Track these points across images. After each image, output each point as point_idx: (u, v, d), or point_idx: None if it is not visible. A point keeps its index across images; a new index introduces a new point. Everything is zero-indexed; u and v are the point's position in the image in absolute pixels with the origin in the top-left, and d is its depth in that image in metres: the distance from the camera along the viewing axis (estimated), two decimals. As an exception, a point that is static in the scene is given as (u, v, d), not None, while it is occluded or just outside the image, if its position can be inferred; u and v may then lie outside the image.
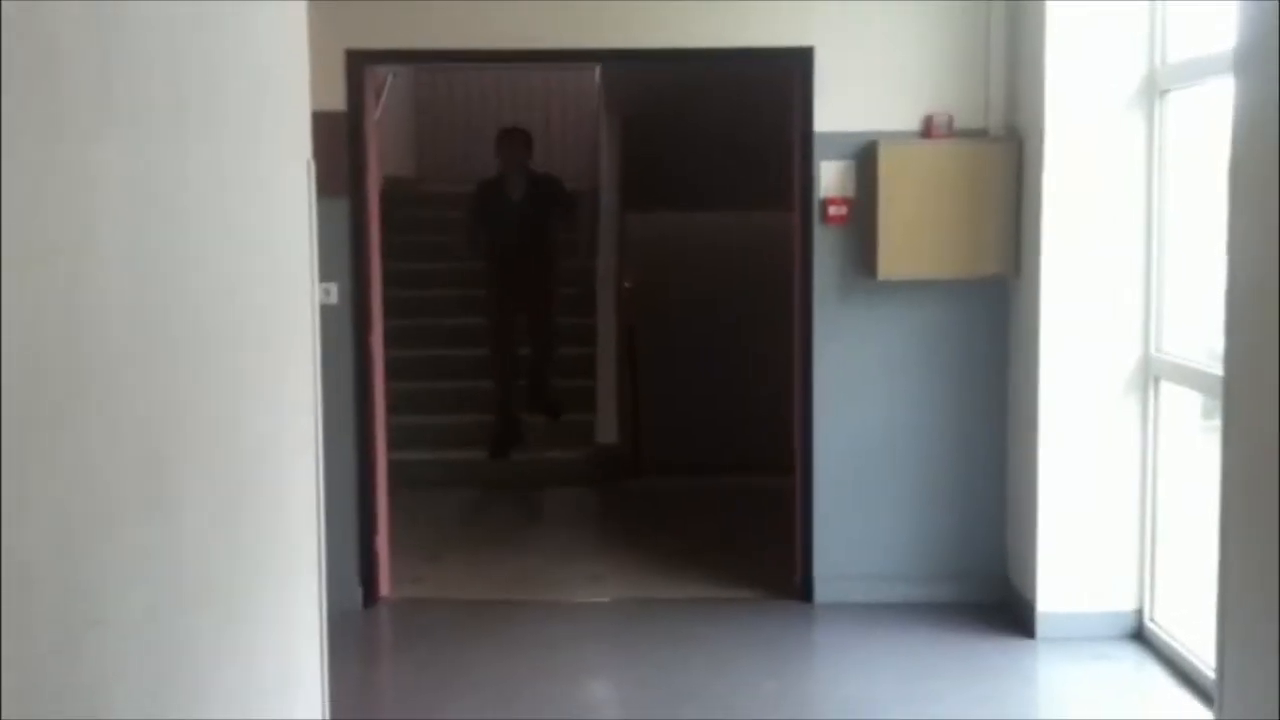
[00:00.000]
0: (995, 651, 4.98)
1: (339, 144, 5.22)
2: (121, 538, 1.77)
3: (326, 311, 3.74)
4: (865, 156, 5.27)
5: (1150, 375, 4.95)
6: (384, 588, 5.67)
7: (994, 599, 5.38)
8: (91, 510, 1.67)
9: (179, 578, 1.98)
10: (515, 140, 7.27)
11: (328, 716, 2.80)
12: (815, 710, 4.57)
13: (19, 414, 1.48)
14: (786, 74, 5.54)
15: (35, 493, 1.52)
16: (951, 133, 5.25)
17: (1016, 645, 5.03)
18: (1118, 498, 5.02)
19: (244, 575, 2.32)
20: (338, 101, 5.28)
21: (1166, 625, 4.92)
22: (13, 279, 1.47)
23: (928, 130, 5.26)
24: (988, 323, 5.38)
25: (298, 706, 2.67)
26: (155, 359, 1.89)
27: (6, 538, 1.44)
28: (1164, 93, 4.85)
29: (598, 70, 9.83)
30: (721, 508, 4.51)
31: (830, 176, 5.33)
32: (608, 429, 7.49)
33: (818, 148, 5.33)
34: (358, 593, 5.48)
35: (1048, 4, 4.87)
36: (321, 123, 3.22)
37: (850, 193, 5.33)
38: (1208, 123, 4.46)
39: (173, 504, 1.96)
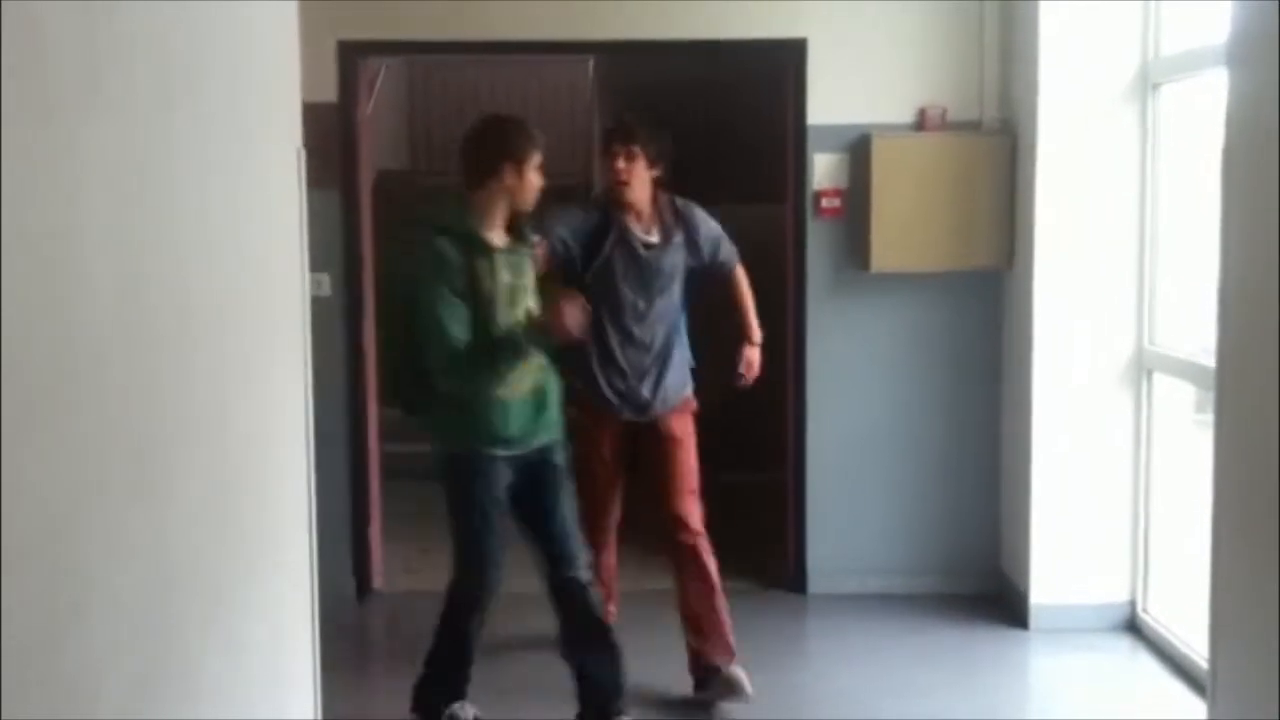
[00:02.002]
0: (988, 643, 4.99)
1: (330, 136, 5.21)
2: (109, 525, 1.76)
3: (318, 303, 3.74)
4: (859, 149, 5.27)
5: (1143, 367, 4.95)
6: (377, 580, 5.66)
7: (987, 590, 5.39)
8: (78, 497, 1.67)
9: (167, 566, 1.97)
10: None
11: (320, 708, 2.79)
12: (807, 702, 4.57)
13: (6, 399, 1.47)
14: (780, 66, 5.53)
15: (22, 479, 1.51)
16: (945, 125, 5.25)
17: (1010, 636, 5.04)
18: (1111, 489, 5.02)
19: (234, 565, 2.31)
20: (329, 93, 5.27)
21: (1159, 616, 4.92)
22: (2, 266, 1.46)
23: (921, 123, 5.25)
24: (981, 315, 5.38)
25: (290, 697, 2.66)
26: (144, 346, 1.89)
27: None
28: (1157, 86, 4.85)
29: (590, 62, 9.82)
30: (714, 501, 4.51)
31: (823, 169, 5.33)
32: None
33: (811, 140, 5.33)
34: (351, 585, 5.47)
35: (1041, -4, 4.86)
36: (313, 114, 3.21)
37: (843, 185, 5.32)
38: (1201, 116, 4.46)
39: (161, 492, 1.95)
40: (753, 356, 4.55)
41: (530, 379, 3.82)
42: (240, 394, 2.39)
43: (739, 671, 4.28)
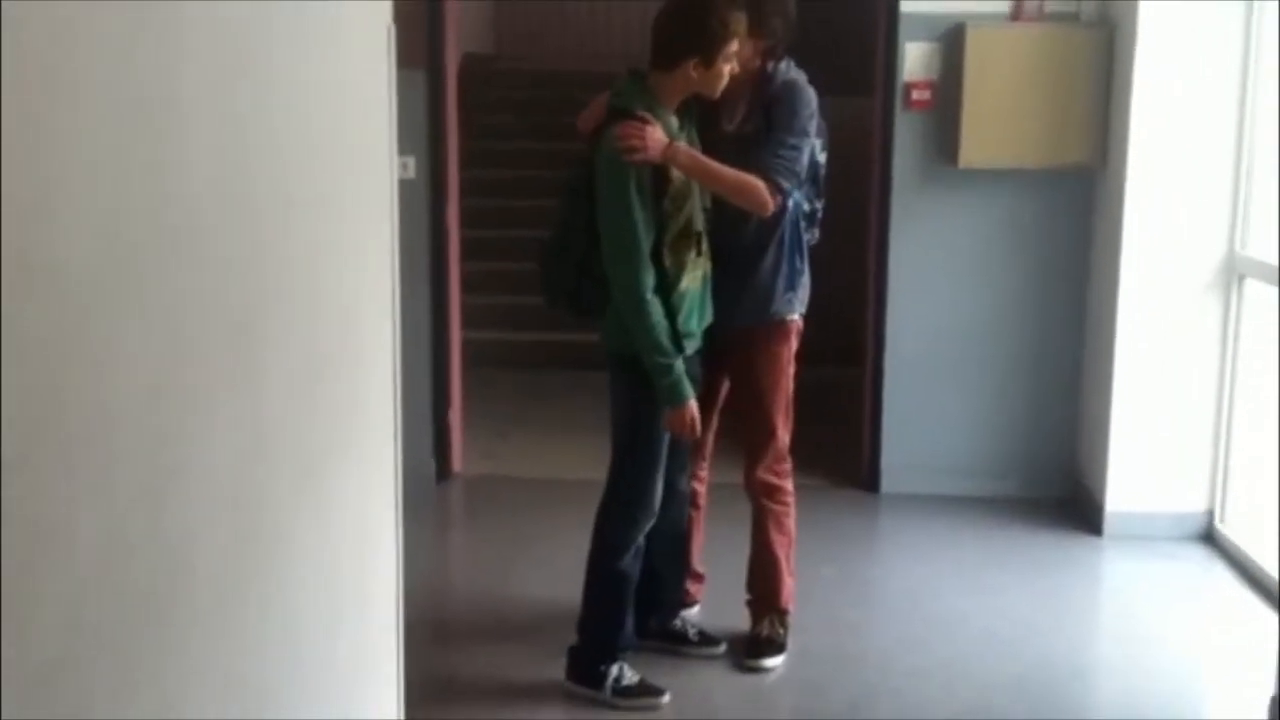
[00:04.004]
0: (1061, 547, 4.99)
1: (418, 15, 5.19)
2: (206, 393, 1.81)
3: (403, 186, 3.73)
4: (952, 39, 5.15)
5: (1234, 273, 4.85)
6: (457, 463, 5.77)
7: (1062, 495, 5.37)
8: (179, 365, 1.71)
9: (259, 436, 2.03)
10: None
11: (401, 580, 2.88)
12: (876, 596, 4.62)
13: (109, 268, 1.51)
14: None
15: (125, 347, 1.55)
16: (1042, 16, 5.11)
17: (1083, 542, 5.03)
18: (1194, 397, 4.96)
19: (322, 436, 2.37)
20: (418, -27, 5.23)
21: (1236, 528, 4.88)
22: (102, 136, 1.49)
23: (1017, 13, 5.12)
24: (1070, 214, 5.29)
25: (372, 568, 2.74)
26: (240, 220, 1.92)
27: (96, 388, 1.48)
28: (1268, -20, 4.67)
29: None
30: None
31: (915, 59, 5.22)
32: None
33: (903, 29, 5.21)
34: (431, 467, 5.58)
35: (1150, -117, 4.68)
36: (401, -7, 3.19)
37: (934, 77, 5.22)
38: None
39: (256, 364, 2.00)
40: (649, 134, 3.47)
41: (704, 265, 3.63)
42: (331, 273, 2.42)
43: (763, 629, 4.03)
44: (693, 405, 3.55)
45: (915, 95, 5.24)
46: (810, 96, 3.76)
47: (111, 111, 1.51)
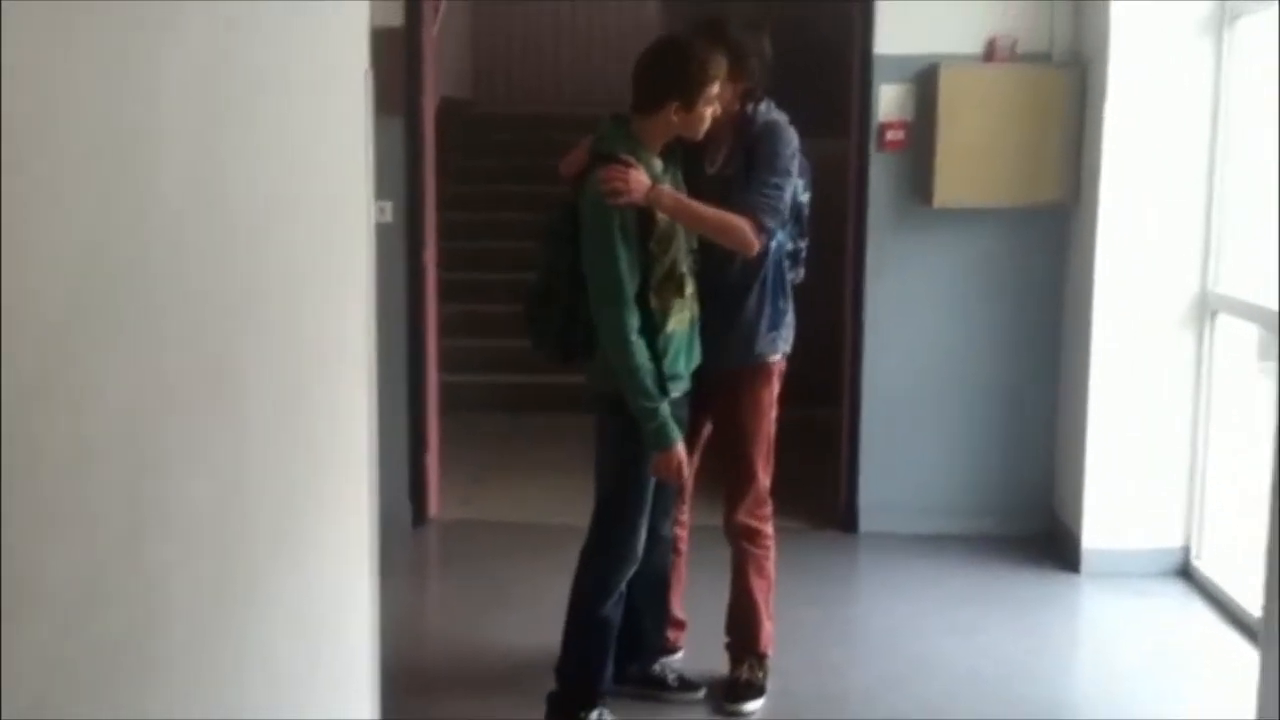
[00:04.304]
0: (1039, 585, 4.99)
1: (396, 61, 5.22)
2: (187, 429, 1.80)
3: (380, 230, 3.74)
4: (925, 80, 5.20)
5: (1207, 309, 4.89)
6: (433, 508, 5.74)
7: (1039, 533, 5.38)
8: (159, 405, 1.71)
9: (239, 475, 2.02)
10: None
11: (377, 625, 2.86)
12: (857, 636, 4.61)
13: (89, 306, 1.51)
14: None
15: (105, 385, 1.55)
16: (1015, 56, 5.16)
17: (1061, 579, 5.04)
18: (1168, 433, 4.98)
19: (300, 476, 2.36)
20: (395, 18, 5.26)
21: (1212, 564, 4.89)
22: (82, 175, 1.49)
23: (990, 53, 5.17)
24: (1044, 252, 5.32)
25: (348, 612, 2.73)
26: (219, 258, 1.92)
27: (76, 427, 1.47)
28: (1235, 18, 4.74)
29: (655, -6, 9.72)
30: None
31: (889, 100, 5.26)
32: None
33: (877, 71, 5.26)
34: (408, 511, 5.55)
35: (1116, -73, 4.75)
36: (379, 40, 3.20)
37: (909, 117, 5.26)
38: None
39: (234, 403, 1.99)
40: (633, 177, 3.45)
41: (690, 308, 3.61)
42: (308, 315, 2.42)
43: (743, 673, 4.00)
44: (680, 449, 3.53)
45: (890, 136, 5.28)
46: (792, 136, 3.77)
47: (88, 153, 1.52)
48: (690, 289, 3.61)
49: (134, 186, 1.64)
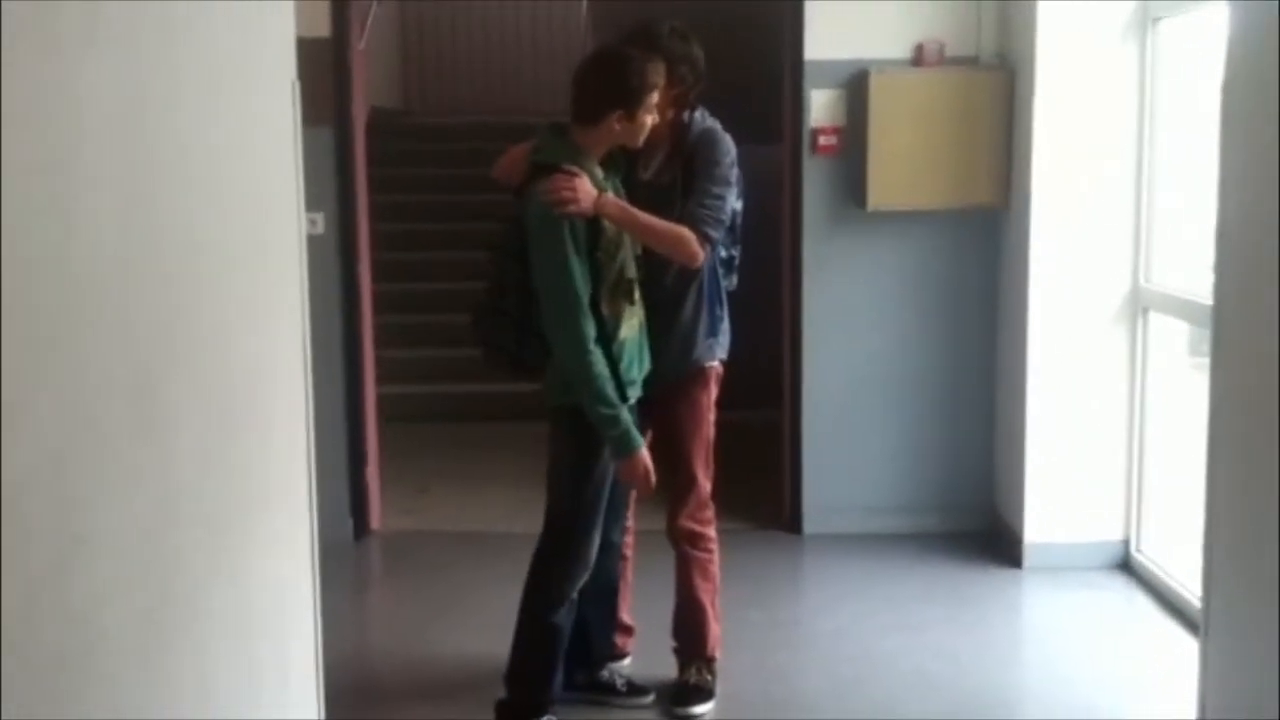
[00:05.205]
0: (982, 581, 5.03)
1: (324, 72, 5.16)
2: (111, 459, 1.76)
3: (312, 242, 3.69)
4: (856, 85, 5.23)
5: (1139, 306, 4.95)
6: (375, 520, 5.68)
7: (981, 529, 5.42)
8: (83, 430, 1.66)
9: (170, 500, 1.98)
10: None
11: (320, 641, 2.82)
12: (803, 638, 4.61)
13: (10, 333, 1.46)
14: (776, 1, 5.47)
15: (27, 413, 1.51)
16: (943, 60, 5.21)
17: (1004, 575, 5.08)
18: (1105, 428, 5.04)
19: (235, 500, 2.32)
20: (322, 28, 5.21)
21: (1153, 556, 4.96)
22: (3, 193, 1.45)
23: (919, 58, 5.21)
24: (978, 254, 5.37)
25: (290, 630, 2.68)
26: (143, 280, 1.88)
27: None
28: (1156, 20, 4.82)
29: (584, 1, 9.72)
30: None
31: (820, 106, 5.29)
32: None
33: (808, 76, 5.29)
34: (348, 525, 5.49)
35: (1041, -70, 4.81)
36: (306, 50, 3.16)
37: (841, 122, 5.29)
38: (1200, 50, 4.43)
39: (163, 426, 1.95)
40: (580, 187, 3.42)
41: (639, 314, 3.59)
42: (239, 331, 2.38)
43: (690, 676, 3.99)
44: (644, 454, 3.52)
45: (822, 141, 5.31)
46: (729, 145, 3.77)
47: (10, 170, 1.48)
48: (638, 294, 3.60)
49: (56, 205, 1.60)
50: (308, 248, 2.87)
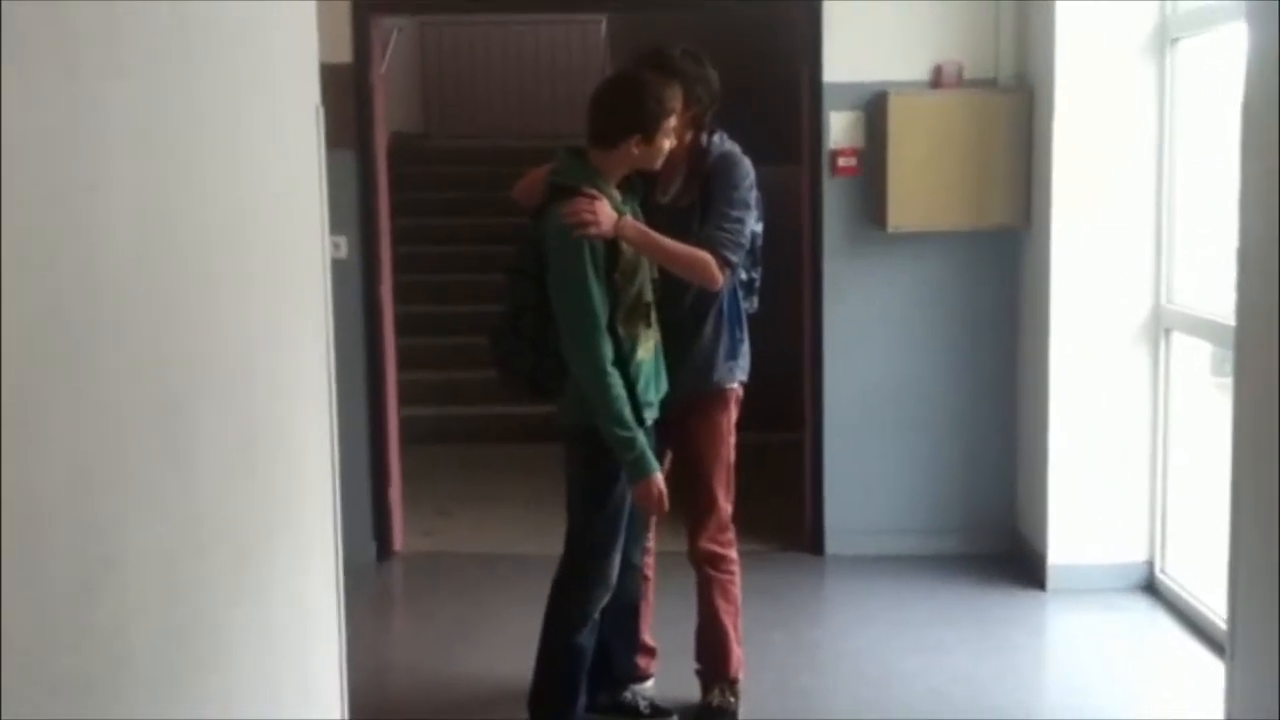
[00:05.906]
0: (1005, 603, 5.00)
1: (346, 96, 5.21)
2: (137, 481, 1.78)
3: (336, 265, 3.72)
4: (875, 107, 5.24)
5: (1161, 326, 4.94)
6: (397, 542, 5.70)
7: (1004, 551, 5.40)
8: (108, 452, 1.68)
9: (194, 522, 1.99)
10: None
11: (344, 662, 2.82)
12: (825, 659, 4.60)
13: (36, 356, 1.48)
14: (795, 24, 5.50)
15: (52, 435, 1.52)
16: (961, 82, 5.22)
17: (1027, 597, 5.05)
18: (1128, 449, 5.01)
19: (259, 522, 2.33)
20: (344, 54, 5.25)
21: (1177, 577, 4.93)
22: (29, 222, 1.47)
23: (937, 80, 5.22)
24: (998, 274, 5.37)
25: (314, 651, 2.69)
26: (168, 304, 1.90)
27: (24, 479, 1.44)
28: (1175, 40, 4.82)
29: (604, 23, 9.76)
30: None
31: (839, 128, 5.31)
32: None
33: (827, 98, 5.30)
34: (371, 547, 5.51)
35: (1059, -49, 4.82)
36: (328, 75, 3.20)
37: (859, 144, 5.30)
38: (1219, 71, 4.43)
39: (188, 449, 1.97)
40: (600, 210, 3.43)
41: (655, 335, 3.60)
42: (264, 354, 2.40)
43: (714, 698, 3.98)
44: (659, 477, 3.52)
45: (841, 163, 5.32)
46: (748, 168, 3.77)
47: (35, 198, 1.50)
48: (654, 317, 3.61)
49: (82, 230, 1.62)
50: (331, 271, 2.89)
